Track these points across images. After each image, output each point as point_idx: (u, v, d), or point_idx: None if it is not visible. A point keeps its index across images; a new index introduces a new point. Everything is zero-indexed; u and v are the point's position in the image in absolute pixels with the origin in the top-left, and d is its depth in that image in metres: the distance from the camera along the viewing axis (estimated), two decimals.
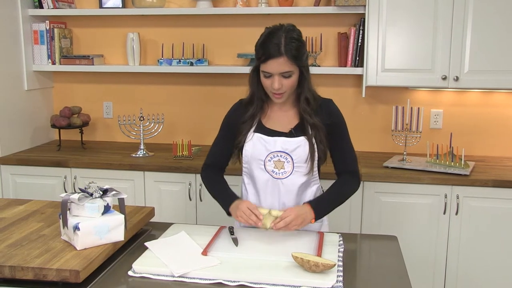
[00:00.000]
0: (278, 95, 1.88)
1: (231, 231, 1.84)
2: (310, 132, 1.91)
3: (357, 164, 2.02)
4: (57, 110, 3.57)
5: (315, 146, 1.90)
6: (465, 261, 2.80)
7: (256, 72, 1.93)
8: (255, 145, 1.93)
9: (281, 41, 1.80)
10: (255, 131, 1.95)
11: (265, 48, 1.82)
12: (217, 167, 2.06)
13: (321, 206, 1.89)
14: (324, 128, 1.92)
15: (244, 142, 1.95)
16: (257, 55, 1.86)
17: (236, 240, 1.77)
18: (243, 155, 1.97)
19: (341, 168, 2.01)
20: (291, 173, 1.92)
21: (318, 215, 1.87)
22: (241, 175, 2.03)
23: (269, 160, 1.92)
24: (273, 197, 1.95)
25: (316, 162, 1.92)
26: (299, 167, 1.92)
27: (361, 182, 2.77)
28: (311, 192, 1.98)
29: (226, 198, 1.94)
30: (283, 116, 1.97)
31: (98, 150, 3.35)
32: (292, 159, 1.90)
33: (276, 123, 1.96)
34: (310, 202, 1.89)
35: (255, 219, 1.77)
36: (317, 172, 1.98)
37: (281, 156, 1.91)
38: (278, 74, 1.82)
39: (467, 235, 2.77)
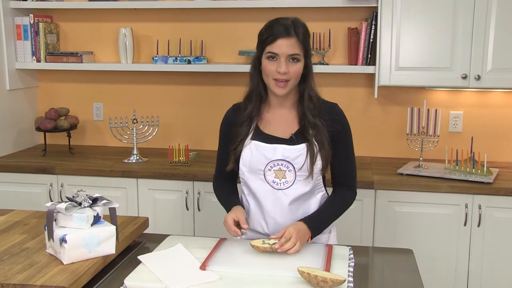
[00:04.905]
0: (282, 84, 1.85)
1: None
2: (311, 132, 1.89)
3: (356, 178, 2.04)
4: (42, 112, 3.58)
5: (316, 150, 1.88)
6: (488, 277, 2.78)
7: (257, 63, 1.91)
8: (253, 154, 1.92)
9: (289, 23, 1.84)
10: (252, 138, 1.94)
11: (272, 30, 1.84)
12: (227, 176, 2.07)
13: (317, 225, 1.89)
14: (327, 132, 1.91)
15: (241, 150, 1.94)
16: (261, 38, 1.87)
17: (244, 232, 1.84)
18: (240, 165, 1.95)
19: (340, 181, 2.02)
20: (293, 182, 1.91)
21: (314, 234, 1.88)
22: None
23: (269, 170, 1.91)
24: (275, 210, 1.94)
25: (317, 167, 1.89)
26: (302, 175, 1.90)
27: (374, 191, 2.78)
28: (316, 201, 1.97)
29: (227, 206, 2.00)
30: (281, 120, 1.95)
31: (87, 155, 3.35)
32: (294, 168, 1.89)
33: (274, 128, 1.94)
34: (305, 221, 1.87)
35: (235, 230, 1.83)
36: (321, 179, 1.97)
37: (282, 164, 1.90)
38: (286, 57, 1.82)
39: (491, 248, 2.76)
